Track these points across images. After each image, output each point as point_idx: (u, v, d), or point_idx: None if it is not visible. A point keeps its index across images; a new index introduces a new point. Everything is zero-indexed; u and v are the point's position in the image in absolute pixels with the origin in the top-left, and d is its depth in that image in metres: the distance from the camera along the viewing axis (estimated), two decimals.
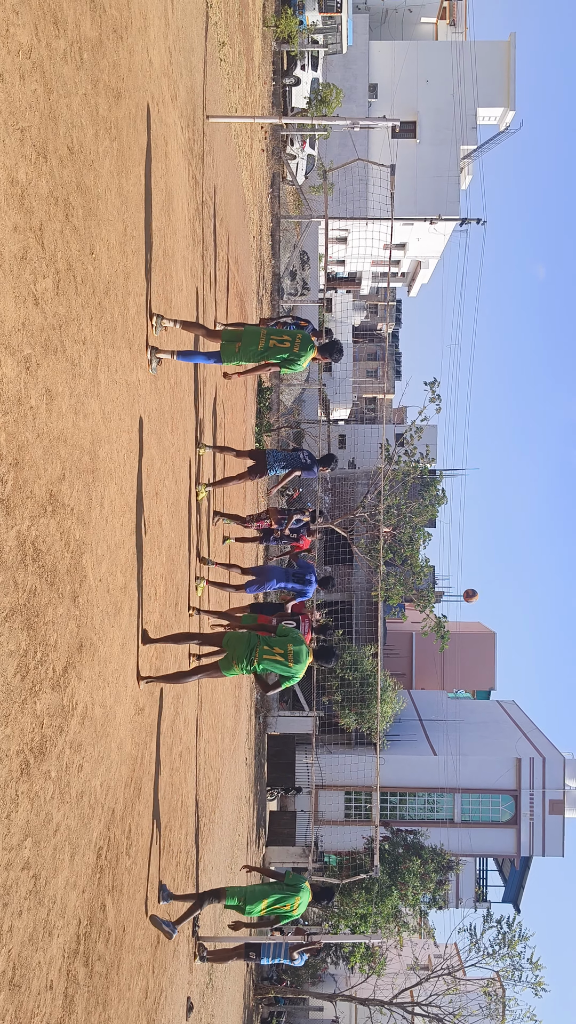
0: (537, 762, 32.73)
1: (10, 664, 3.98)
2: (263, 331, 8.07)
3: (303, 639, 7.84)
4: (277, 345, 8.03)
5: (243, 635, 7.70)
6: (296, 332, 8.19)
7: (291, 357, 8.13)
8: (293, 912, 9.32)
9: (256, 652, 7.52)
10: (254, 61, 19.38)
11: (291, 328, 8.91)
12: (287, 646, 7.63)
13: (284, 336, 8.06)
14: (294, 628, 8.13)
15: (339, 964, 28.14)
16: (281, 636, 7.74)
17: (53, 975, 4.59)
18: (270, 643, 7.62)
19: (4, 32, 3.88)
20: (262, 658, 7.54)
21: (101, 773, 5.60)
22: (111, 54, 5.87)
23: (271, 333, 8.06)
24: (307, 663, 7.79)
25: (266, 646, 7.58)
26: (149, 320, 7.05)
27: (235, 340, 8.06)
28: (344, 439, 45.54)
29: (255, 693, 21.96)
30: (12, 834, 4.02)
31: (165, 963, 8.07)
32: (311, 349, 8.21)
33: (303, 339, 8.14)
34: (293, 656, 7.61)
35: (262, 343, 8.01)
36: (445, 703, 38.14)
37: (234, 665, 7.50)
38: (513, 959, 25.78)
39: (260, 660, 7.54)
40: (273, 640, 7.66)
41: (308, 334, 8.30)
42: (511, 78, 44.10)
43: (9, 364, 3.92)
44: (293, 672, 7.67)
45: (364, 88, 42.76)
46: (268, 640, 7.65)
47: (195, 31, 10.27)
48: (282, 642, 7.66)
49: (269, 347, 8.03)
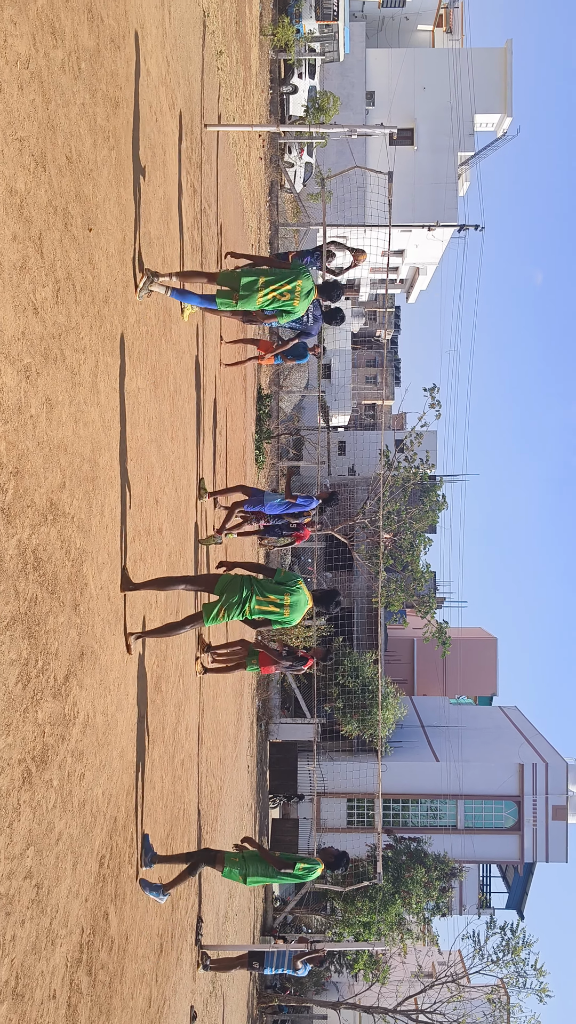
0: (540, 768, 32.68)
1: (11, 673, 3.98)
2: (261, 282, 7.63)
3: (302, 586, 7.25)
4: (277, 297, 7.70)
5: (237, 580, 7.07)
6: (296, 280, 7.74)
7: (290, 309, 7.84)
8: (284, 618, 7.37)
9: (250, 602, 6.98)
10: (251, 70, 19.44)
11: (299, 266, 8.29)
12: (284, 596, 7.09)
13: (283, 286, 7.67)
14: (294, 574, 7.40)
15: (343, 972, 28.05)
16: (279, 583, 7.16)
17: (56, 984, 4.58)
18: (266, 591, 7.08)
19: (2, 42, 3.90)
20: (255, 608, 7.01)
21: (103, 782, 5.59)
22: (109, 64, 5.90)
23: (269, 283, 7.65)
24: (305, 610, 7.27)
25: (260, 596, 7.04)
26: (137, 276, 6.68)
27: (233, 291, 7.64)
28: (344, 445, 45.58)
29: (256, 700, 21.93)
30: (14, 843, 4.01)
31: (168, 972, 8.05)
32: (311, 297, 7.89)
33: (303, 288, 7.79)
34: (290, 607, 7.10)
35: (260, 296, 7.64)
36: (447, 709, 38.10)
37: (221, 613, 6.96)
38: (517, 965, 25.70)
39: (254, 609, 7.03)
40: (270, 587, 7.12)
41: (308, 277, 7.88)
42: (508, 85, 44.23)
43: (9, 373, 3.93)
44: (288, 621, 7.17)
45: (361, 96, 42.88)
46: (264, 588, 7.10)
47: (192, 40, 10.31)
48: (279, 590, 7.11)
49: (268, 299, 7.68)
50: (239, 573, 7.29)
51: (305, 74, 31.49)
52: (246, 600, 6.96)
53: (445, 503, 27.93)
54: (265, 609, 7.06)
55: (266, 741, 24.61)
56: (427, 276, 55.07)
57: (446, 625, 27.13)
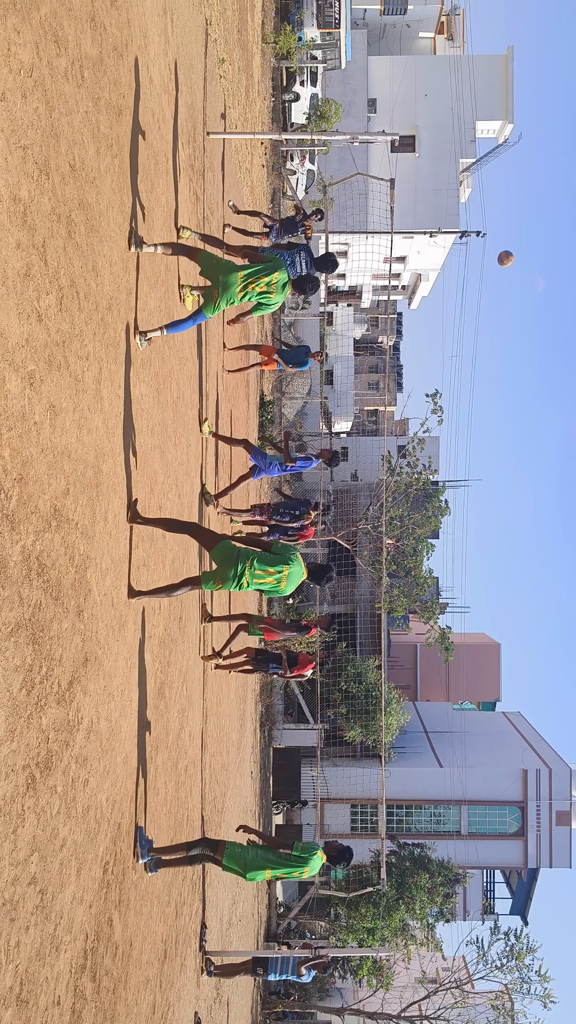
0: (543, 773, 32.60)
1: (16, 679, 3.99)
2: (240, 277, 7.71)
3: (299, 558, 7.29)
4: (256, 290, 7.81)
5: (234, 551, 7.06)
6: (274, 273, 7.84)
7: (268, 302, 7.99)
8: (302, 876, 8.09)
9: (247, 575, 7.00)
10: (253, 77, 19.50)
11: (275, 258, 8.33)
12: (281, 567, 7.10)
13: (261, 278, 7.79)
14: (291, 546, 7.44)
15: (347, 978, 27.98)
16: (276, 554, 7.19)
17: (60, 990, 4.58)
18: (263, 563, 7.07)
19: (6, 51, 3.92)
20: (252, 581, 7.02)
21: (107, 787, 5.60)
22: (112, 72, 5.93)
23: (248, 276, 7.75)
24: (300, 582, 7.31)
25: (259, 569, 7.04)
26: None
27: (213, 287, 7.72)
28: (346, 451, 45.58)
29: (260, 706, 21.92)
30: (19, 849, 4.02)
31: (173, 978, 8.04)
32: (287, 290, 8.03)
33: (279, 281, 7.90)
34: (287, 578, 7.14)
35: (240, 290, 7.73)
36: (450, 715, 38.03)
37: (217, 584, 6.99)
38: (521, 971, 25.61)
39: (250, 583, 7.02)
40: (267, 559, 7.11)
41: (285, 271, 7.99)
42: (509, 91, 44.32)
43: (13, 380, 3.95)
44: (283, 592, 7.22)
45: (363, 103, 42.97)
46: (261, 560, 7.08)
47: (195, 48, 10.35)
48: (276, 561, 7.12)
49: (248, 291, 7.78)
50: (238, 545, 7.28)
51: (307, 82, 31.57)
52: (242, 575, 6.99)
53: (447, 508, 27.94)
54: (262, 582, 7.10)
55: (269, 747, 24.58)
56: (429, 282, 55.13)
57: (449, 630, 27.12)
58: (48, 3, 4.53)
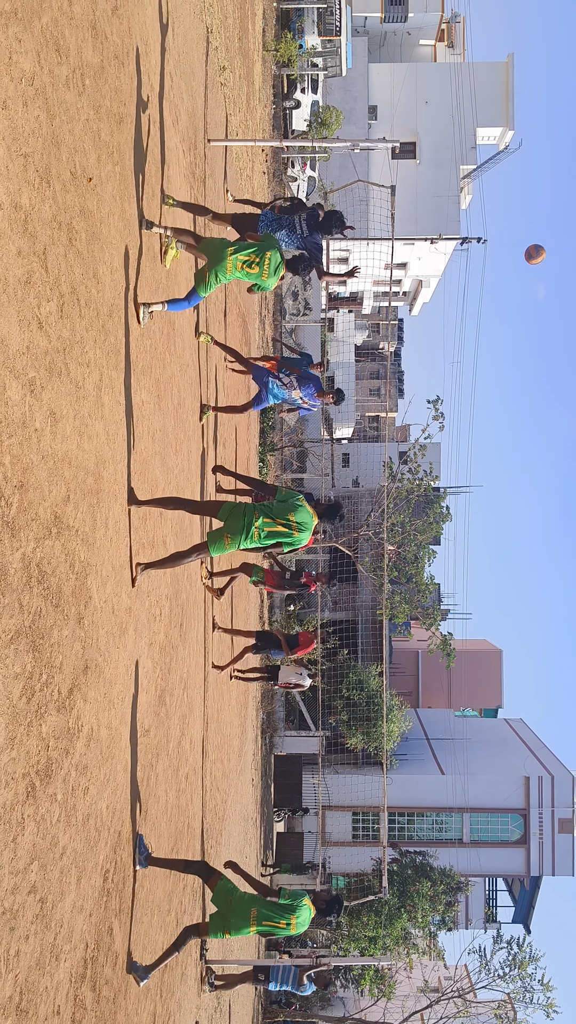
0: (546, 781, 32.52)
1: (16, 686, 3.98)
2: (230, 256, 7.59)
3: (304, 503, 7.17)
4: (246, 269, 7.68)
5: (239, 506, 6.98)
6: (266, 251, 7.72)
7: (261, 285, 7.87)
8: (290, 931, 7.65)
9: (256, 526, 6.86)
10: (254, 85, 19.55)
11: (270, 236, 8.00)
12: (289, 515, 6.97)
13: (252, 257, 7.67)
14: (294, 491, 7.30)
15: (348, 987, 27.86)
16: (281, 502, 7.09)
17: (60, 1000, 4.56)
18: (270, 513, 6.96)
19: (7, 59, 3.93)
20: (264, 531, 6.89)
21: (107, 795, 5.58)
22: (113, 80, 5.94)
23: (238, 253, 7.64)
24: (312, 527, 7.17)
25: (266, 517, 6.91)
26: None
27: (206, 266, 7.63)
28: (347, 457, 45.60)
29: (261, 713, 21.88)
30: (19, 858, 4.00)
31: (173, 987, 8.01)
32: (280, 270, 7.87)
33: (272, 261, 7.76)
34: (299, 525, 7.01)
35: (230, 268, 7.61)
36: (452, 722, 37.95)
37: (227, 541, 6.83)
38: (524, 980, 25.50)
39: (261, 535, 6.88)
40: (273, 508, 7.01)
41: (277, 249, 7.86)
42: (510, 98, 44.41)
43: (14, 387, 3.94)
44: (298, 541, 7.09)
45: (364, 110, 43.08)
46: (267, 509, 6.99)
47: (196, 56, 10.38)
48: (283, 510, 7.00)
49: (238, 270, 7.67)
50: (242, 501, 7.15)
51: (308, 89, 31.65)
52: (250, 524, 6.85)
53: (449, 515, 27.93)
54: (274, 531, 6.95)
55: (271, 754, 24.53)
56: (430, 288, 55.19)
57: (451, 637, 27.07)
58: (49, 12, 4.54)
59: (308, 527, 7.09)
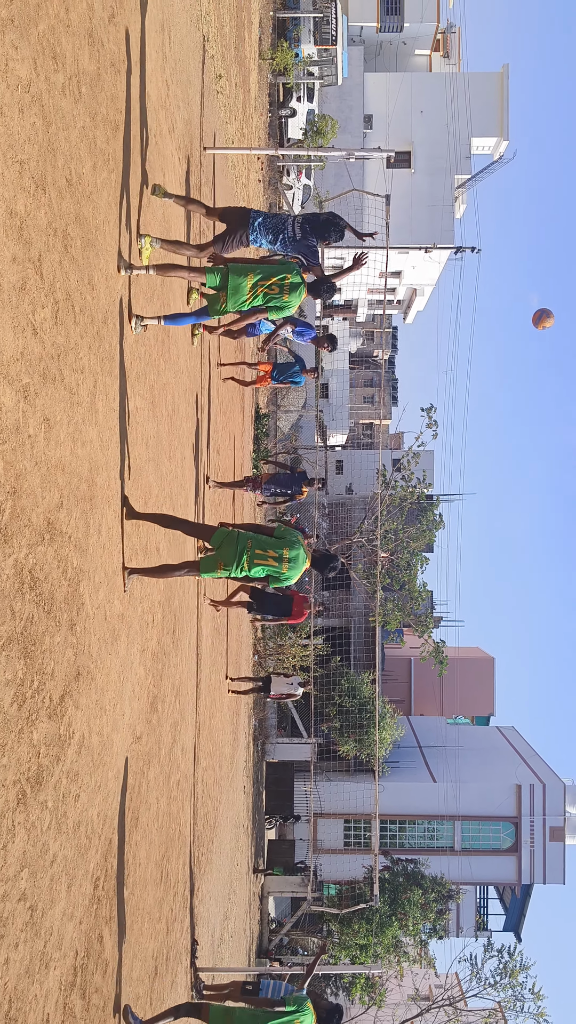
0: (537, 789, 32.54)
1: (7, 693, 3.97)
2: (250, 280, 7.47)
3: (301, 542, 7.21)
4: (266, 292, 7.51)
5: (233, 534, 7.04)
6: (285, 275, 7.56)
7: (280, 305, 7.66)
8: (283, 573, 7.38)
9: (247, 556, 6.92)
10: (250, 93, 19.61)
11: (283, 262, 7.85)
12: (282, 550, 7.02)
13: (272, 281, 7.51)
14: (293, 530, 7.34)
15: (339, 995, 27.80)
16: (278, 538, 7.14)
17: (50, 1008, 4.54)
18: (264, 545, 7.02)
19: (3, 67, 3.94)
20: (253, 562, 6.94)
21: (98, 803, 5.56)
22: (109, 87, 5.95)
23: (258, 279, 7.49)
24: (303, 569, 7.22)
25: (259, 549, 6.97)
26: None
27: (221, 290, 7.51)
28: (341, 465, 45.66)
29: (253, 720, 21.85)
30: (8, 865, 3.99)
31: (163, 995, 7.98)
32: (301, 292, 7.71)
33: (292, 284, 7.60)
34: (289, 562, 7.06)
35: (249, 295, 7.48)
36: (444, 729, 37.95)
37: (219, 568, 6.90)
38: (515, 989, 25.50)
39: (251, 564, 6.94)
40: (268, 542, 7.06)
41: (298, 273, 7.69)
42: (504, 108, 44.61)
43: (8, 393, 3.94)
44: (286, 578, 7.13)
45: (359, 119, 43.22)
46: (262, 542, 7.05)
47: (192, 64, 10.41)
48: (277, 544, 7.05)
49: (257, 295, 7.52)
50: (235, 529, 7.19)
51: (304, 97, 31.75)
52: (242, 553, 6.91)
53: (442, 522, 27.99)
54: (264, 563, 7.01)
55: (262, 761, 24.50)
56: (424, 297, 55.34)
57: (443, 644, 27.11)
58: (46, 19, 4.55)
59: (299, 565, 7.17)
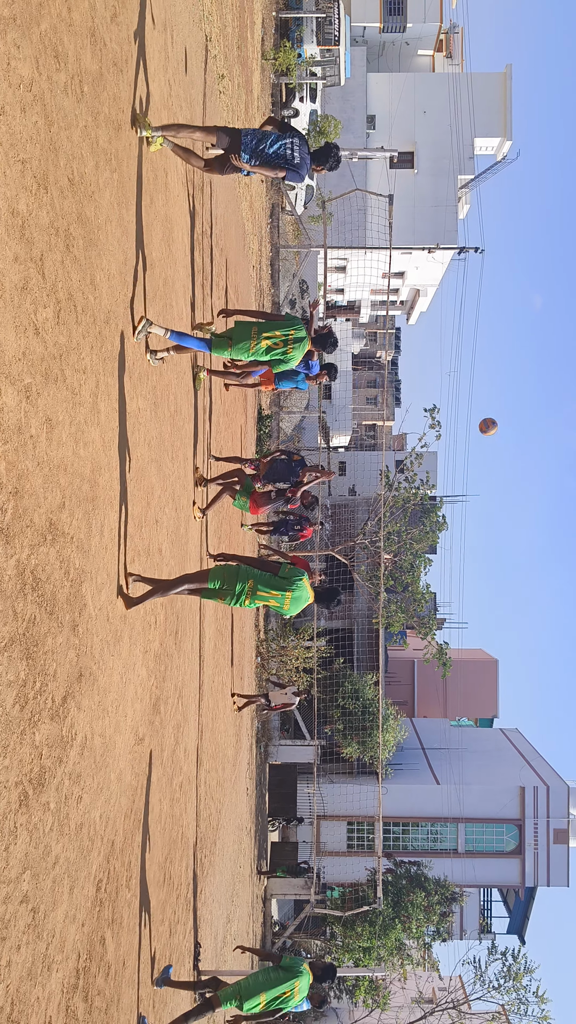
0: (541, 791, 32.47)
1: (9, 694, 3.95)
2: (255, 331, 7.95)
3: (305, 583, 7.24)
4: (270, 346, 7.98)
5: (233, 569, 7.07)
6: (290, 330, 8.01)
7: (283, 358, 8.11)
8: (293, 999, 8.30)
9: (248, 594, 6.99)
10: (253, 93, 19.60)
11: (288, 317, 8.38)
12: (286, 592, 7.09)
13: (276, 334, 7.96)
14: (298, 570, 7.35)
15: (343, 998, 27.77)
16: (283, 578, 7.15)
17: (52, 1011, 4.52)
18: (267, 586, 7.08)
19: (5, 65, 3.92)
20: (255, 600, 7.04)
21: (100, 804, 5.54)
22: (111, 87, 5.94)
23: (263, 331, 7.94)
24: (305, 605, 7.31)
25: (261, 590, 7.04)
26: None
27: (227, 336, 7.99)
28: (344, 466, 45.63)
29: (256, 722, 21.82)
30: (10, 867, 3.97)
31: (166, 997, 7.96)
32: (304, 346, 8.11)
33: (296, 339, 8.03)
34: (291, 602, 7.14)
35: (254, 343, 7.94)
36: (447, 731, 37.90)
37: (220, 598, 7.00)
38: (518, 992, 25.44)
39: (252, 601, 7.03)
40: (272, 582, 7.11)
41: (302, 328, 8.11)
42: (508, 109, 44.61)
43: (9, 393, 3.92)
44: (286, 612, 7.24)
45: (362, 119, 43.23)
46: (266, 581, 7.09)
47: (195, 64, 10.39)
48: (281, 586, 7.10)
49: (261, 347, 7.97)
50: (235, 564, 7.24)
51: (306, 98, 31.76)
52: (242, 593, 7.00)
53: (445, 524, 27.95)
54: (265, 603, 7.15)
55: (265, 763, 24.47)
56: (427, 298, 55.34)
57: (446, 646, 27.06)
58: (48, 18, 4.54)
59: (301, 604, 7.28)
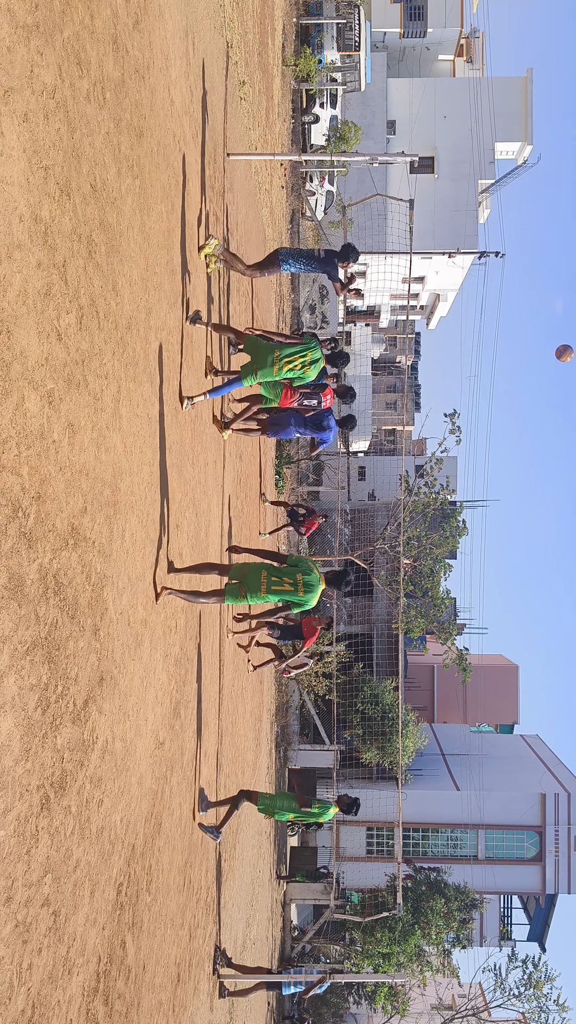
0: (562, 798, 32.23)
1: (31, 698, 3.97)
2: (275, 355, 8.82)
3: (313, 568, 7.74)
4: (289, 368, 8.86)
5: (247, 565, 7.67)
6: (306, 351, 8.91)
7: (302, 377, 9.09)
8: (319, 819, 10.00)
9: (264, 583, 7.48)
10: (274, 99, 19.65)
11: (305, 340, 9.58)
12: (296, 576, 7.57)
13: (295, 357, 8.84)
14: (303, 557, 7.96)
15: (362, 1004, 27.67)
16: (291, 566, 7.67)
17: (72, 1014, 4.53)
18: (279, 573, 7.58)
19: (29, 73, 3.95)
20: (270, 588, 7.50)
21: (121, 808, 5.56)
22: (133, 93, 5.97)
23: (283, 356, 8.83)
24: (319, 591, 7.68)
25: (275, 577, 7.54)
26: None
27: (252, 363, 8.84)
28: (364, 471, 45.54)
29: (275, 726, 21.81)
30: (32, 870, 3.98)
31: (185, 1001, 7.96)
32: (319, 365, 9.03)
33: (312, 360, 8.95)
34: (304, 586, 7.55)
35: (276, 367, 8.81)
36: (467, 737, 37.69)
37: (241, 593, 7.47)
38: (539, 1000, 25.25)
39: (268, 590, 7.49)
40: (281, 571, 7.62)
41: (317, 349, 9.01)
42: (528, 113, 44.45)
43: (33, 399, 3.95)
44: (304, 600, 7.64)
45: (382, 124, 43.22)
46: (276, 570, 7.61)
47: (216, 71, 10.43)
48: (291, 572, 7.60)
49: (283, 369, 8.86)
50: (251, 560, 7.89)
51: (327, 103, 31.78)
52: (259, 583, 7.49)
53: (465, 529, 27.81)
54: (281, 589, 7.53)
55: (285, 768, 24.44)
56: (447, 303, 55.18)
57: (466, 652, 26.92)
58: (71, 26, 4.57)
59: (314, 589, 7.67)
